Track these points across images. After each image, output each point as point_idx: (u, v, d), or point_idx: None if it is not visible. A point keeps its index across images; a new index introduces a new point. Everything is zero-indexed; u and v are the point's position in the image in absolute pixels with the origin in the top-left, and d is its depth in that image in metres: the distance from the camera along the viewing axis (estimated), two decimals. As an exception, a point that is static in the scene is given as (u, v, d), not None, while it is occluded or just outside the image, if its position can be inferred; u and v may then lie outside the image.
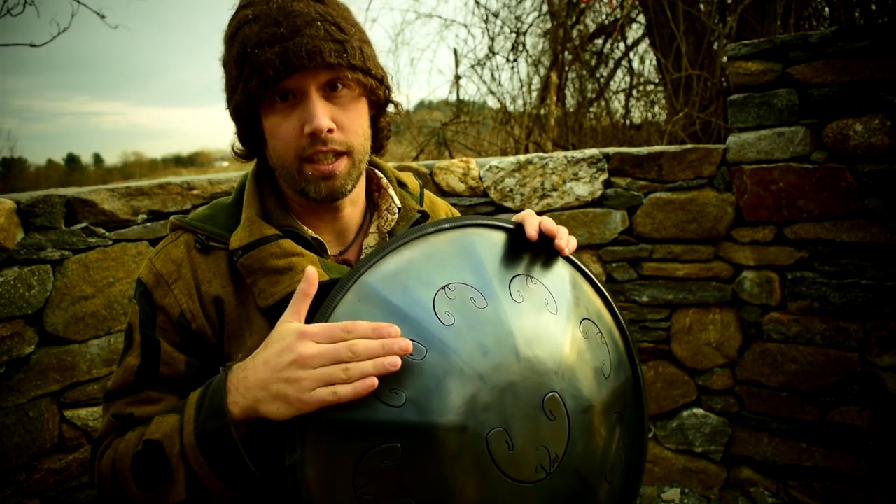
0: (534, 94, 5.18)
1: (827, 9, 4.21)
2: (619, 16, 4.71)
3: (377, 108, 0.95)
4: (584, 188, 2.49)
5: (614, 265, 2.52)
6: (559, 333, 0.80)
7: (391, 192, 0.99)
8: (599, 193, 2.48)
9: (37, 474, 1.89)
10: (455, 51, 7.20)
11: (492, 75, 6.07)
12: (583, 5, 4.94)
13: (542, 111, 4.97)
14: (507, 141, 5.10)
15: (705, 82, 3.97)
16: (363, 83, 0.86)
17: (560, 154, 2.54)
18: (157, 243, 1.56)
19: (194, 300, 0.85)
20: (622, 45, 5.11)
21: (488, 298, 0.78)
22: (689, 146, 2.40)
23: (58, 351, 1.94)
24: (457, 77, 5.59)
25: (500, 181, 2.55)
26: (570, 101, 5.12)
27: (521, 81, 5.71)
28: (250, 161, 0.96)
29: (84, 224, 1.99)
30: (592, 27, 5.14)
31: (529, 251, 0.87)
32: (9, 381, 1.83)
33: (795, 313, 2.24)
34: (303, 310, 0.75)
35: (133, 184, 2.15)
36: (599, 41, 5.20)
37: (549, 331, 0.80)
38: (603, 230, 2.49)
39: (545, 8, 5.17)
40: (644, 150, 2.45)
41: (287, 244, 0.85)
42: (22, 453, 1.85)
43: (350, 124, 0.85)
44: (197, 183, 2.25)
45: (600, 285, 0.93)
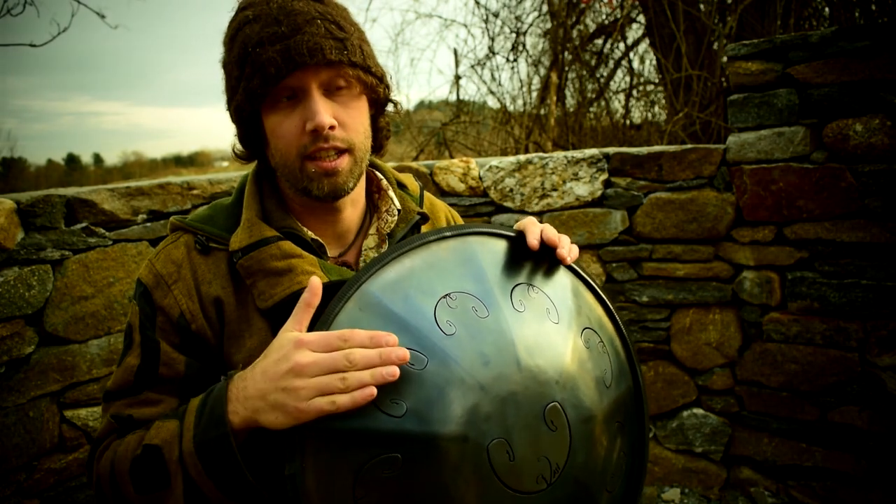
0: (534, 94, 5.18)
1: (827, 9, 4.21)
2: (619, 16, 4.70)
3: (377, 108, 0.95)
4: (584, 188, 2.49)
5: (614, 265, 2.52)
6: (561, 343, 0.80)
7: (391, 194, 0.99)
8: (599, 193, 2.48)
9: (37, 474, 1.89)
10: (455, 51, 7.20)
11: (492, 75, 6.06)
12: (583, 5, 4.94)
13: (542, 111, 4.97)
14: (507, 141, 5.10)
15: (705, 82, 3.97)
16: (364, 80, 0.86)
17: (560, 154, 2.54)
18: (157, 243, 1.56)
19: (194, 301, 0.85)
20: (622, 45, 5.11)
21: (490, 307, 0.78)
22: (689, 146, 2.40)
23: (58, 351, 1.93)
24: (457, 77, 5.59)
25: (500, 181, 2.55)
26: (570, 101, 5.12)
27: (521, 81, 5.71)
28: (251, 162, 0.96)
29: (84, 224, 1.99)
30: (592, 27, 5.13)
31: (531, 259, 0.87)
32: (9, 381, 1.83)
33: (795, 313, 2.24)
34: (305, 319, 0.74)
35: (133, 184, 2.15)
36: (599, 41, 5.20)
37: (551, 340, 0.79)
38: (603, 230, 2.49)
39: (545, 8, 5.17)
40: (644, 150, 2.45)
41: (287, 246, 0.85)
42: (22, 453, 1.86)
43: (351, 122, 0.86)
44: (197, 183, 2.25)
45: (602, 293, 0.93)
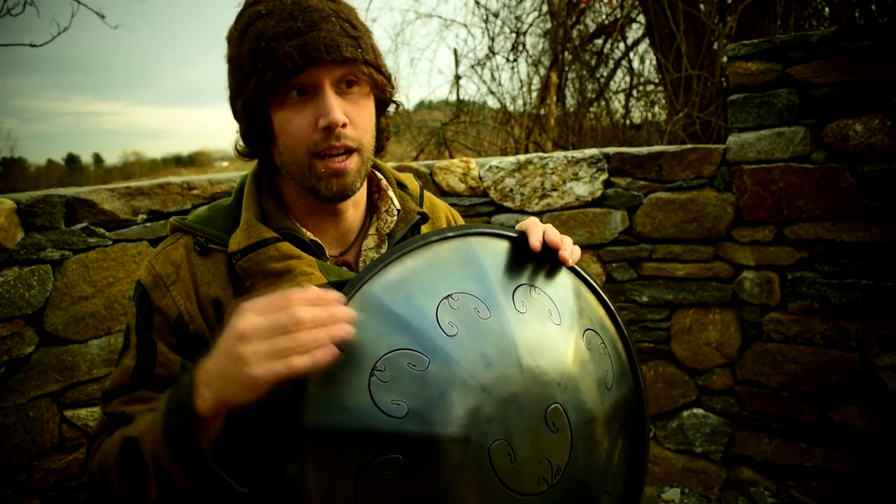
0: (534, 94, 5.18)
1: (827, 9, 4.21)
2: (619, 16, 4.70)
3: (381, 109, 0.95)
4: (584, 188, 2.49)
5: (614, 265, 2.52)
6: (562, 344, 0.80)
7: (390, 194, 0.99)
8: (599, 193, 2.48)
9: (37, 474, 1.89)
10: (455, 51, 7.19)
11: (492, 75, 6.06)
12: (583, 5, 4.94)
13: (542, 111, 4.97)
14: (507, 141, 5.10)
15: (705, 82, 3.97)
16: (375, 80, 0.86)
17: (560, 154, 2.54)
18: (157, 243, 1.56)
19: (192, 302, 0.85)
20: (622, 45, 5.10)
21: (491, 308, 0.78)
22: (689, 146, 2.40)
23: (58, 351, 1.93)
24: (457, 77, 5.59)
25: (500, 181, 2.55)
26: (570, 101, 5.11)
27: (521, 81, 5.70)
28: (252, 160, 0.96)
29: (84, 224, 1.98)
30: (592, 27, 5.13)
31: (533, 260, 0.87)
32: (9, 381, 1.82)
33: (795, 313, 2.24)
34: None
35: (133, 184, 2.15)
36: (599, 41, 5.20)
37: (553, 341, 0.79)
38: (603, 230, 2.49)
39: (545, 8, 5.17)
40: (644, 150, 2.45)
41: (285, 247, 0.85)
42: (22, 453, 1.85)
43: (361, 121, 0.86)
44: (197, 183, 2.25)
45: (603, 295, 0.93)
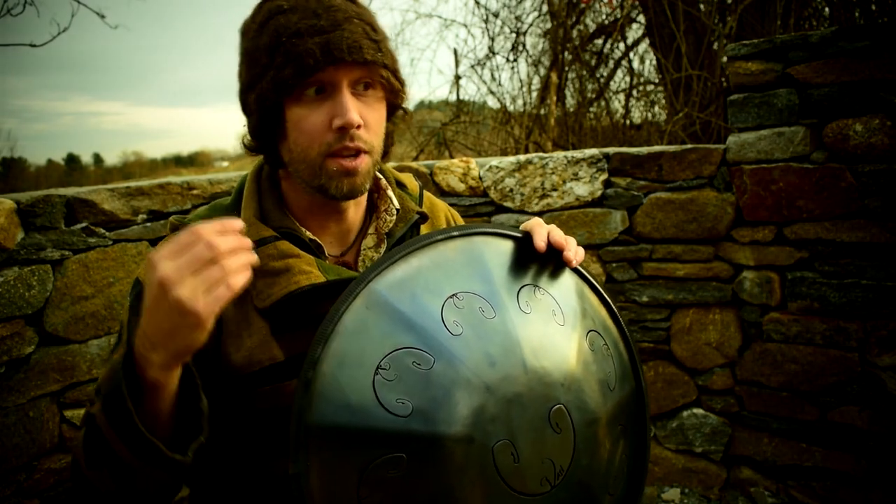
0: (534, 94, 5.18)
1: (827, 9, 4.21)
2: (619, 16, 4.70)
3: (389, 114, 0.95)
4: (584, 188, 2.49)
5: (614, 265, 2.52)
6: (566, 345, 0.80)
7: (389, 193, 0.99)
8: (599, 193, 2.48)
9: (37, 474, 1.89)
10: (455, 51, 7.17)
11: (492, 75, 6.05)
12: (583, 5, 4.94)
13: (542, 111, 4.97)
14: (507, 141, 5.10)
15: (705, 82, 3.97)
16: (391, 84, 0.87)
17: (560, 154, 2.54)
18: (157, 243, 1.56)
19: None
20: (622, 45, 5.10)
21: (496, 308, 0.78)
22: (689, 146, 2.40)
23: (58, 351, 1.93)
24: (457, 77, 5.59)
25: (500, 181, 2.55)
26: (570, 101, 5.11)
27: (521, 81, 5.70)
28: (258, 155, 0.96)
29: (84, 224, 1.98)
30: (592, 27, 5.13)
31: (537, 261, 0.87)
32: (9, 381, 1.82)
33: (795, 313, 2.24)
34: None
35: (133, 184, 2.15)
36: (599, 41, 5.20)
37: (556, 342, 0.79)
38: (603, 230, 2.49)
39: (545, 8, 5.17)
40: (644, 150, 2.45)
41: (284, 246, 0.85)
42: (22, 453, 1.85)
43: (374, 124, 0.86)
44: (197, 183, 2.25)
45: (606, 296, 0.93)
